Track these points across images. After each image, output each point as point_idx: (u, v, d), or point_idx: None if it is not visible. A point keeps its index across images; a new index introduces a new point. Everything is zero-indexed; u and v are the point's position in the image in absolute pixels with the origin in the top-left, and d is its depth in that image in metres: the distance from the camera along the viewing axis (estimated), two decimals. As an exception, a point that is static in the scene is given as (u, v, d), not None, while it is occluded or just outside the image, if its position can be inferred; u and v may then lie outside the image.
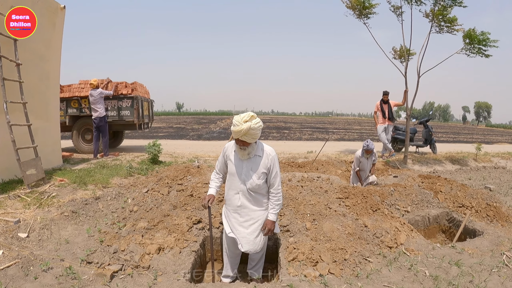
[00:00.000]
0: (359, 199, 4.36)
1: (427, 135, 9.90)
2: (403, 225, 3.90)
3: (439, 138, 19.79)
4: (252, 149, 2.64)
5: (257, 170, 2.66)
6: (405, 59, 8.11)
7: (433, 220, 4.70)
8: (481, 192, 4.84)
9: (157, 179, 5.47)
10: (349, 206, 4.24)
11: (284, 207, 4.18)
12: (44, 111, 6.21)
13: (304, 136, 18.80)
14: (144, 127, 9.72)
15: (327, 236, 3.45)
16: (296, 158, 9.01)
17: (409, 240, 3.62)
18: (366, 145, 6.22)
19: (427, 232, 4.71)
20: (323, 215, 3.93)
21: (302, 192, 4.70)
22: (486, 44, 7.34)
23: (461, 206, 4.69)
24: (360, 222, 3.81)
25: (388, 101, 8.47)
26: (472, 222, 4.34)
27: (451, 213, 4.67)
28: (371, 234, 3.59)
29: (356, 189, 4.74)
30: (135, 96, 8.55)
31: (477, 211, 4.51)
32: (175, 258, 3.19)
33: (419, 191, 5.06)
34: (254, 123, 2.52)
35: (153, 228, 3.70)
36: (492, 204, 4.52)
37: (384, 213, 4.09)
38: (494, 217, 4.33)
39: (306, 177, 6.11)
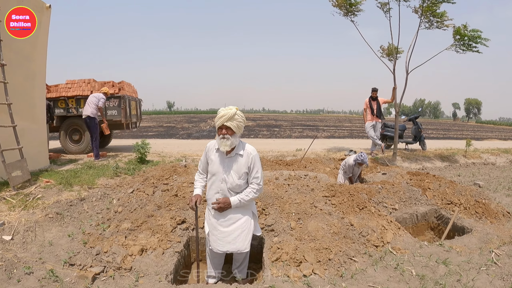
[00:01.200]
0: (345, 197, 4.29)
1: (416, 132, 9.93)
2: (390, 223, 3.84)
3: (429, 135, 20.00)
4: (235, 141, 2.58)
5: (237, 169, 2.62)
6: (394, 56, 8.09)
7: (422, 218, 4.66)
8: (470, 189, 4.82)
9: (143, 179, 5.36)
10: (335, 204, 4.16)
11: (269, 206, 4.11)
12: (30, 112, 6.12)
13: (294, 134, 18.76)
14: (132, 127, 9.62)
15: (312, 235, 3.37)
16: (285, 156, 8.93)
17: (396, 238, 3.56)
18: (361, 159, 6.16)
19: (415, 229, 4.66)
20: (309, 214, 3.85)
21: (288, 191, 4.61)
22: (477, 41, 7.36)
23: (450, 203, 4.66)
24: (346, 220, 3.74)
25: (377, 98, 8.45)
26: (460, 219, 4.30)
27: (440, 210, 4.63)
28: (357, 233, 3.52)
29: (343, 187, 4.67)
30: (122, 95, 8.44)
31: (465, 208, 4.49)
32: (157, 259, 3.13)
33: (407, 188, 5.02)
34: (240, 112, 2.58)
35: (136, 229, 3.63)
36: (481, 201, 4.50)
37: (371, 211, 4.02)
38: (483, 214, 4.31)
39: (293, 175, 6.02)
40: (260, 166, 2.68)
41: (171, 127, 22.51)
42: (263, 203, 4.23)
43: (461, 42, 7.44)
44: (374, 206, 4.39)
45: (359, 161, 6.22)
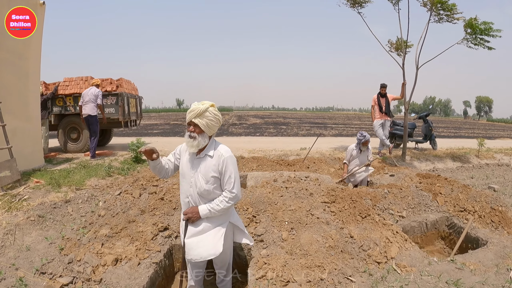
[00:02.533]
0: (346, 204, 3.86)
1: (427, 131, 9.36)
2: (395, 234, 3.40)
3: (440, 133, 19.20)
4: (203, 141, 2.23)
5: (205, 172, 2.26)
6: (403, 51, 7.55)
7: (431, 226, 4.20)
8: (485, 194, 4.33)
9: (133, 180, 5.07)
10: (335, 212, 3.74)
11: (261, 213, 3.73)
12: (23, 111, 5.93)
13: (301, 132, 18.28)
14: (132, 125, 9.37)
15: (304, 249, 2.97)
16: (288, 155, 8.51)
17: (402, 253, 3.12)
18: (363, 136, 5.69)
19: (424, 239, 4.21)
20: (303, 223, 3.45)
21: (284, 196, 4.22)
22: (488, 33, 6.79)
23: (463, 210, 4.18)
24: (345, 231, 3.32)
25: (385, 94, 7.93)
26: (474, 229, 3.83)
27: (452, 218, 4.16)
28: (357, 246, 3.10)
29: (345, 192, 4.24)
30: (120, 92, 8.19)
31: (480, 216, 4.00)
32: (131, 270, 2.84)
33: (416, 193, 4.55)
34: (215, 109, 2.27)
35: (115, 235, 3.36)
36: (497, 208, 4.01)
37: (374, 220, 3.59)
38: (500, 223, 3.83)
39: (293, 177, 5.60)
40: (234, 171, 2.27)
41: (177, 125, 22.28)
42: (255, 209, 3.85)
43: (472, 36, 6.87)
44: (379, 214, 3.96)
45: (361, 139, 5.70)
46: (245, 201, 3.97)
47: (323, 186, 4.83)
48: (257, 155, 8.68)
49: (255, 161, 7.03)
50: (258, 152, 9.12)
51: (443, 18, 7.14)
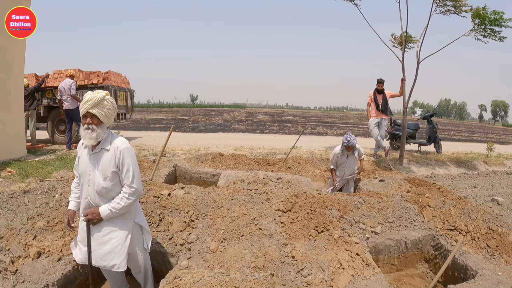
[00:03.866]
0: (302, 214, 3.12)
1: (431, 132, 8.37)
2: (354, 257, 2.64)
3: (451, 136, 17.85)
4: (102, 132, 2.03)
5: (103, 168, 2.04)
6: (403, 43, 6.62)
7: (413, 246, 3.39)
8: (483, 210, 3.46)
9: None
10: (284, 223, 3.02)
11: (201, 217, 3.20)
12: (6, 102, 5.86)
13: (305, 130, 17.41)
14: (120, 118, 9.17)
15: (225, 267, 2.34)
16: (276, 154, 7.77)
17: (356, 283, 2.37)
18: (347, 140, 4.91)
19: (403, 260, 3.41)
20: (240, 233, 2.82)
21: (237, 199, 3.55)
22: (499, 24, 5.82)
23: (453, 229, 3.34)
24: (287, 249, 2.62)
25: (383, 91, 7.03)
26: (464, 254, 3.00)
27: (438, 238, 3.33)
28: (295, 270, 2.39)
29: (308, 199, 3.48)
30: (105, 85, 8.01)
31: (473, 238, 3.16)
32: (49, 265, 2.60)
33: (400, 204, 3.73)
34: (110, 97, 2.09)
35: (49, 228, 3.12)
36: (496, 229, 3.15)
37: (332, 237, 2.85)
38: (497, 248, 2.97)
39: (262, 178, 4.88)
40: (132, 163, 2.06)
41: (183, 120, 21.81)
42: (195, 213, 3.29)
43: (481, 27, 5.90)
44: (344, 229, 3.18)
45: (345, 143, 4.93)
46: (187, 202, 3.43)
47: (290, 190, 4.09)
48: (243, 152, 7.99)
49: (234, 159, 6.33)
50: (245, 150, 8.42)
51: (450, 10, 6.19)
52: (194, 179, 5.88)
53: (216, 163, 6.24)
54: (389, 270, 3.40)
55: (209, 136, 11.92)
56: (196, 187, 4.17)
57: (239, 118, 26.82)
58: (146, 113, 31.07)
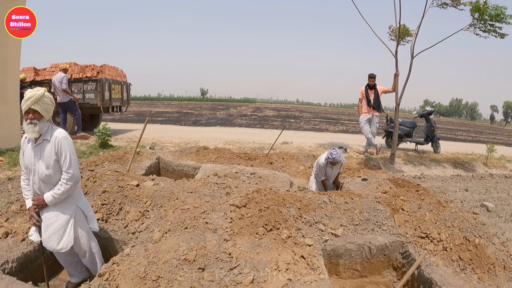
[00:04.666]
0: (253, 211, 2.83)
1: (428, 131, 7.84)
2: (298, 260, 2.36)
3: (457, 136, 17.00)
4: (44, 126, 2.19)
5: (46, 158, 2.20)
6: (399, 36, 6.11)
7: (379, 252, 3.01)
8: (462, 217, 3.05)
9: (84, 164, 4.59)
10: (233, 218, 2.74)
11: (156, 208, 3.18)
12: (1, 94, 6.02)
13: (306, 126, 16.95)
14: (115, 110, 9.15)
15: (157, 256, 2.24)
16: (264, 149, 7.44)
17: None
18: (332, 157, 4.54)
19: (367, 267, 3.04)
20: (184, 226, 2.68)
21: (197, 192, 3.36)
22: (500, 20, 5.29)
23: (424, 237, 2.94)
24: (227, 245, 2.41)
25: (374, 86, 6.56)
26: (431, 266, 2.61)
27: (407, 245, 2.95)
28: (227, 267, 2.16)
29: (268, 196, 3.16)
30: (99, 78, 7.99)
31: (445, 248, 2.75)
32: (13, 244, 2.66)
33: (370, 205, 3.35)
34: (48, 93, 2.26)
35: (20, 212, 3.16)
36: (473, 240, 2.74)
37: (280, 237, 2.54)
38: (471, 262, 2.57)
39: (234, 172, 4.57)
40: (69, 151, 2.22)
41: (187, 114, 21.59)
42: (152, 203, 3.22)
43: (481, 22, 5.38)
44: (300, 228, 2.84)
45: (330, 160, 4.61)
46: (147, 193, 3.36)
47: (256, 186, 3.77)
48: (231, 146, 7.71)
49: (216, 153, 6.04)
50: (234, 144, 8.12)
51: (447, 4, 5.67)
52: (177, 172, 5.65)
53: (199, 157, 5.98)
54: (351, 276, 3.05)
55: (205, 130, 11.67)
56: (167, 179, 4.04)
57: (245, 112, 26.47)
58: (154, 106, 31.06)
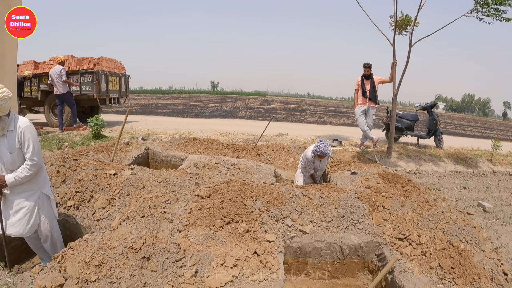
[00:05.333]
0: (214, 202, 2.61)
1: (431, 125, 7.28)
2: (250, 256, 2.20)
3: (466, 132, 16.12)
4: (4, 123, 2.22)
5: (10, 146, 2.25)
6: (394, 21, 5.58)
7: (352, 252, 2.66)
8: (449, 219, 2.65)
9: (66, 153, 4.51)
10: (191, 209, 2.51)
11: (122, 197, 3.11)
12: None
13: (310, 119, 16.45)
14: (113, 102, 9.10)
15: (108, 243, 2.18)
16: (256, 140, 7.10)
17: (238, 285, 1.91)
18: (320, 150, 4.18)
19: (340, 268, 2.70)
20: (142, 214, 2.57)
21: (167, 182, 3.22)
22: (503, 2, 4.74)
23: (403, 239, 2.57)
24: (179, 235, 2.31)
25: (371, 76, 6.07)
26: (405, 272, 2.24)
27: (383, 247, 2.58)
28: (173, 259, 2.07)
29: (236, 187, 2.88)
30: (95, 71, 7.90)
31: (424, 253, 2.38)
32: None
33: (348, 201, 2.98)
34: (1, 90, 2.23)
35: None
36: (457, 245, 2.35)
37: (237, 231, 2.29)
38: (452, 270, 2.19)
39: (214, 163, 4.27)
40: (32, 139, 2.27)
41: (193, 106, 21.30)
42: (120, 191, 3.19)
43: (484, 6, 4.84)
44: (264, 223, 2.55)
45: (317, 152, 4.25)
46: (117, 182, 3.26)
47: (229, 178, 3.46)
48: (225, 137, 7.41)
49: (205, 144, 5.76)
50: (228, 135, 7.82)
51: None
52: (165, 162, 5.43)
53: (187, 147, 5.73)
54: (321, 276, 2.72)
55: (204, 122, 11.39)
56: (145, 169, 3.93)
57: (252, 105, 26.03)
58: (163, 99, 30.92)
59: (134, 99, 27.08)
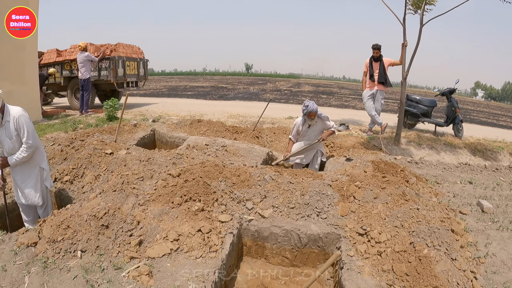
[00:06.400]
0: (178, 180, 2.64)
1: (449, 112, 6.44)
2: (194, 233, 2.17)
3: (498, 122, 14.16)
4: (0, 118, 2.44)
5: (9, 135, 2.49)
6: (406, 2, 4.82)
7: (311, 242, 2.44)
8: (422, 217, 2.30)
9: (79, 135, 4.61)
10: (157, 186, 2.64)
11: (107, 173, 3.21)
12: (20, 76, 6.18)
13: (335, 102, 15.58)
14: (131, 85, 9.16)
15: (79, 212, 2.30)
16: (264, 123, 6.92)
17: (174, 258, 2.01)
18: (305, 106, 3.88)
19: (300, 257, 2.52)
20: (114, 189, 2.70)
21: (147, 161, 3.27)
22: None
23: (363, 234, 2.29)
24: (139, 209, 2.42)
25: (380, 58, 5.43)
26: (352, 271, 1.99)
27: (341, 241, 2.33)
28: (125, 229, 2.21)
29: (206, 168, 2.80)
30: (112, 57, 8.03)
31: (380, 253, 2.08)
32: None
33: (317, 189, 2.73)
34: None
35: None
36: (421, 249, 2.02)
37: (191, 208, 2.36)
38: (405, 278, 1.88)
39: (204, 144, 4.20)
40: (26, 126, 2.48)
41: (221, 88, 21.06)
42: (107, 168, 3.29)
43: None
44: (223, 204, 2.53)
45: (304, 110, 3.92)
46: (106, 160, 3.41)
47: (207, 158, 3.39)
48: (234, 119, 7.30)
49: (208, 126, 5.67)
50: (237, 117, 7.68)
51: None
52: (170, 143, 5.44)
53: (191, 129, 5.69)
54: (281, 263, 2.56)
55: (221, 104, 11.21)
56: (140, 149, 4.02)
57: (281, 87, 25.33)
58: (194, 81, 30.99)
59: (166, 82, 27.39)
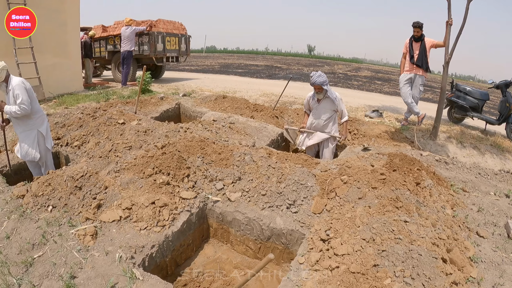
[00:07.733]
0: (155, 152, 2.60)
1: (503, 108, 4.90)
2: (147, 205, 2.07)
3: None
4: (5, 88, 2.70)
5: (11, 101, 2.71)
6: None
7: (275, 236, 2.13)
8: (406, 234, 1.75)
9: (103, 105, 4.73)
10: (137, 157, 2.62)
11: (107, 141, 3.24)
12: (63, 50, 6.29)
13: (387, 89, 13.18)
14: (171, 61, 8.88)
15: (66, 172, 2.41)
16: (294, 103, 6.35)
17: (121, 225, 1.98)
18: (310, 77, 3.40)
19: (262, 250, 2.24)
20: (101, 155, 2.81)
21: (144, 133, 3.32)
22: None
23: (325, 240, 1.86)
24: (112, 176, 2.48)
25: (421, 38, 4.33)
26: (290, 282, 1.63)
27: (302, 242, 1.95)
28: (94, 192, 2.24)
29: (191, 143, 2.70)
30: (151, 32, 7.75)
31: (332, 269, 1.64)
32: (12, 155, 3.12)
33: (297, 178, 2.33)
34: None
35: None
36: (381, 276, 1.54)
37: (157, 181, 2.25)
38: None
39: (212, 120, 4.06)
40: (21, 92, 2.64)
41: (272, 67, 19.96)
42: (108, 137, 3.35)
43: None
44: (193, 180, 2.41)
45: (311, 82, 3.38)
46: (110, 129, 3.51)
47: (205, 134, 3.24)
48: (265, 98, 6.88)
49: (230, 102, 5.42)
50: (268, 96, 7.22)
51: None
52: (193, 117, 5.31)
53: (215, 105, 5.47)
54: (245, 252, 2.30)
55: (261, 82, 10.47)
56: (150, 120, 3.99)
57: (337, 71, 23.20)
58: (252, 59, 30.05)
59: (223, 59, 27.00)
